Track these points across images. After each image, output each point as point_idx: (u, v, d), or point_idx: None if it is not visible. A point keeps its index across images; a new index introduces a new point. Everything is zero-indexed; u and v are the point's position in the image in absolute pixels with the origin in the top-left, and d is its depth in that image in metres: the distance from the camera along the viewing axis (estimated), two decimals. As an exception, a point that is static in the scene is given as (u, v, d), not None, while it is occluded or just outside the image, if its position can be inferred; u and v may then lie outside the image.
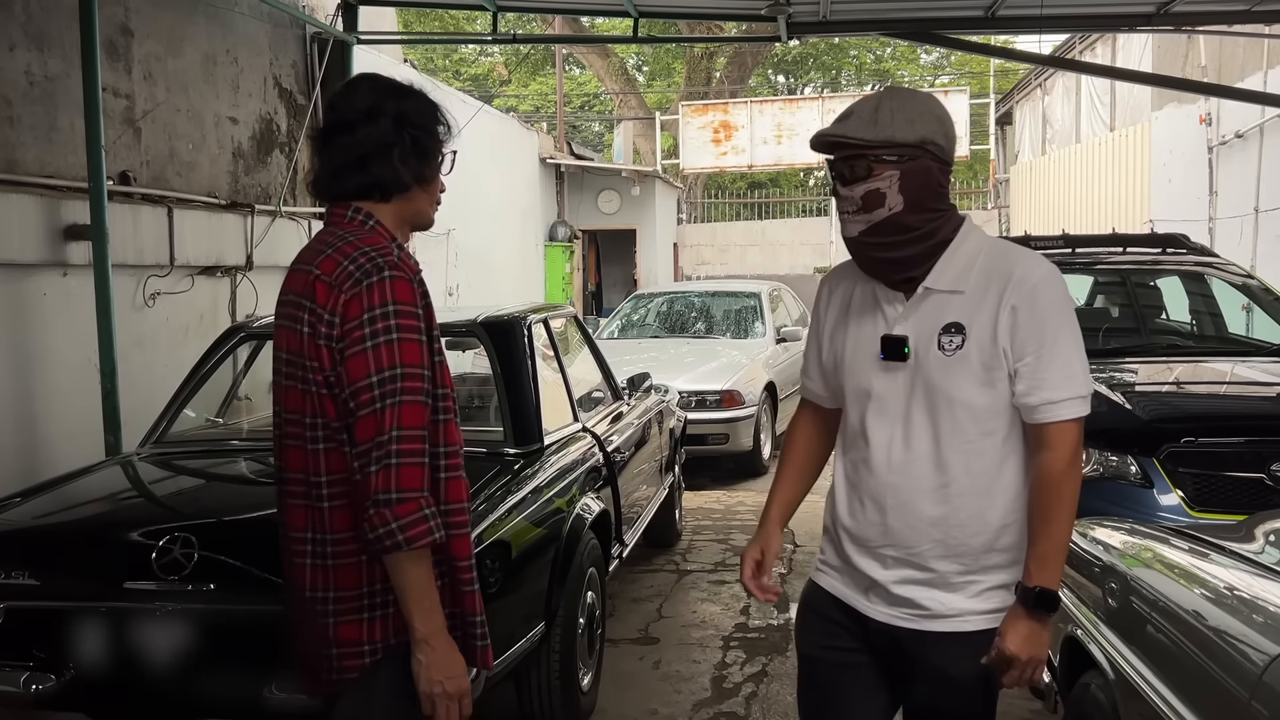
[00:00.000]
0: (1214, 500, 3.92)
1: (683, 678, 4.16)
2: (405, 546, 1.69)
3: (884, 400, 1.92)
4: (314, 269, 1.82)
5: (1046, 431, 1.85)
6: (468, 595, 1.86)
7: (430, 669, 1.76)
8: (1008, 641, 1.84)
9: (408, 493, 1.70)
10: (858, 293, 1.99)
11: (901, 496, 1.91)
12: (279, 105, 7.29)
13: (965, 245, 1.90)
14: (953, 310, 1.87)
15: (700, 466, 7.64)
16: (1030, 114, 21.27)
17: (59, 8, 5.11)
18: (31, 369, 5.00)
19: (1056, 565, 1.85)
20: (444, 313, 4.72)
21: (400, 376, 1.73)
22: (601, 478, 4.14)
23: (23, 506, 3.23)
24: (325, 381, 1.79)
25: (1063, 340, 1.84)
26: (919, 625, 1.92)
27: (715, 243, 21.39)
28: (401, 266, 1.79)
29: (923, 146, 1.84)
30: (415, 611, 1.74)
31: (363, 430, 1.72)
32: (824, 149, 1.92)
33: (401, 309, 1.75)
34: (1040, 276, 1.85)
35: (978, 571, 1.90)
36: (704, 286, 11.28)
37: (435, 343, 1.84)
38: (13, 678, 2.74)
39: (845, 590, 2.02)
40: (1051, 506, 1.84)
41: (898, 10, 7.63)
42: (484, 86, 28.41)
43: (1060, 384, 1.83)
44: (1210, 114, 11.24)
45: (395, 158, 1.84)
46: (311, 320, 1.80)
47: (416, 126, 1.86)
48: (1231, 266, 6.15)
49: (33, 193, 4.96)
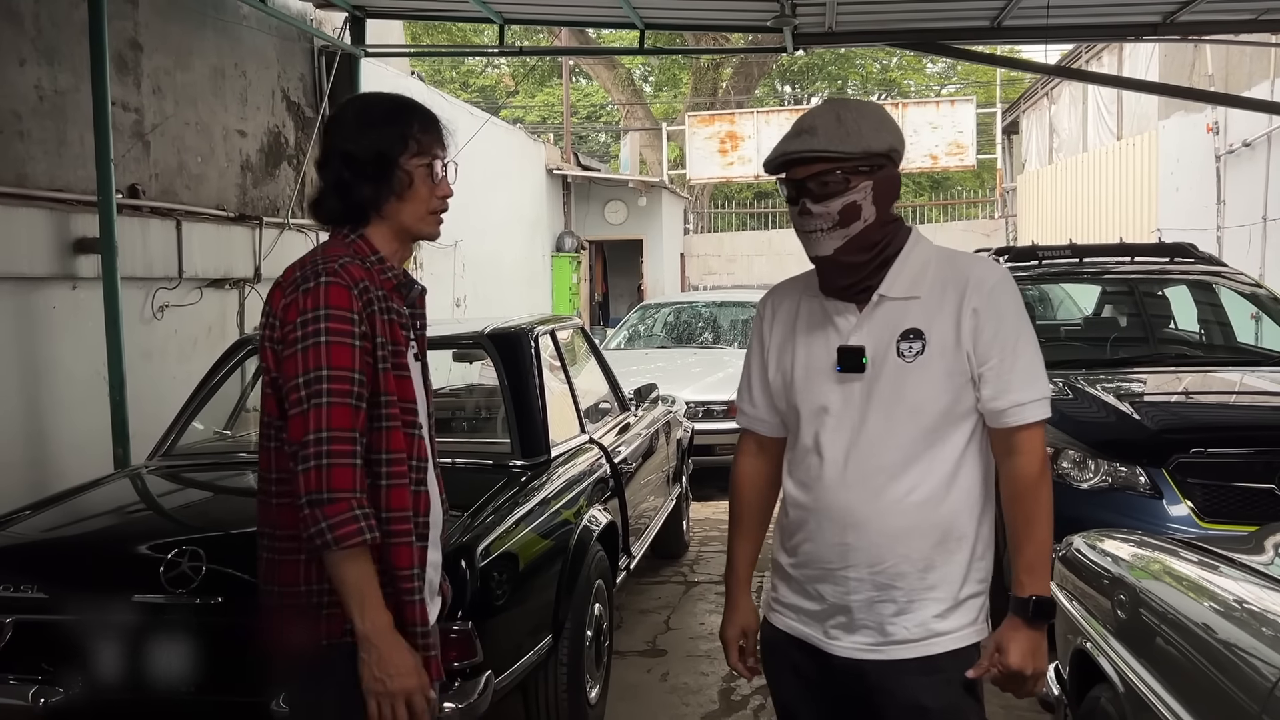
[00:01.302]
0: (1224, 511, 3.90)
1: (690, 690, 4.15)
2: (334, 546, 1.71)
3: (840, 414, 1.87)
4: (281, 277, 1.90)
5: (1015, 436, 1.82)
6: (408, 605, 1.85)
7: (371, 667, 1.76)
8: (1010, 656, 1.81)
9: (337, 493, 1.72)
10: (804, 309, 1.95)
11: (859, 510, 1.85)
12: (287, 118, 7.32)
13: (915, 252, 1.89)
14: (910, 316, 1.84)
15: (708, 477, 7.61)
16: (1037, 123, 21.26)
17: (69, 23, 5.15)
18: (41, 381, 5.02)
19: (1045, 571, 1.83)
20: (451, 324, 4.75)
21: (327, 378, 1.75)
22: (609, 489, 4.13)
23: (31, 520, 3.24)
24: (273, 383, 1.85)
25: (1023, 342, 1.83)
26: (884, 654, 1.85)
27: (722, 252, 21.40)
28: (340, 273, 1.81)
29: (889, 155, 1.84)
30: (353, 609, 1.75)
31: (294, 430, 1.76)
32: (785, 168, 1.86)
33: (333, 313, 1.78)
34: (997, 279, 1.85)
35: (941, 585, 1.85)
36: (711, 296, 11.28)
37: (385, 350, 1.84)
38: (21, 691, 2.75)
39: (802, 628, 1.94)
40: (1031, 512, 1.82)
41: (903, 21, 7.64)
42: (491, 98, 28.52)
43: (1026, 386, 1.81)
44: (1218, 123, 11.23)
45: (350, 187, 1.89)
46: (267, 324, 1.88)
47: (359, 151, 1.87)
48: (1240, 275, 6.13)
49: (42, 206, 4.99)
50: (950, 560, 1.85)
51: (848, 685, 1.90)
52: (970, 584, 1.87)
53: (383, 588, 1.80)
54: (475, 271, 11.56)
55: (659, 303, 10.96)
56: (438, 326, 4.42)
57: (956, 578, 1.85)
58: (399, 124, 1.90)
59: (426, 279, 10.34)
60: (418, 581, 1.87)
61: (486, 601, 2.86)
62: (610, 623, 3.97)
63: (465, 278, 11.28)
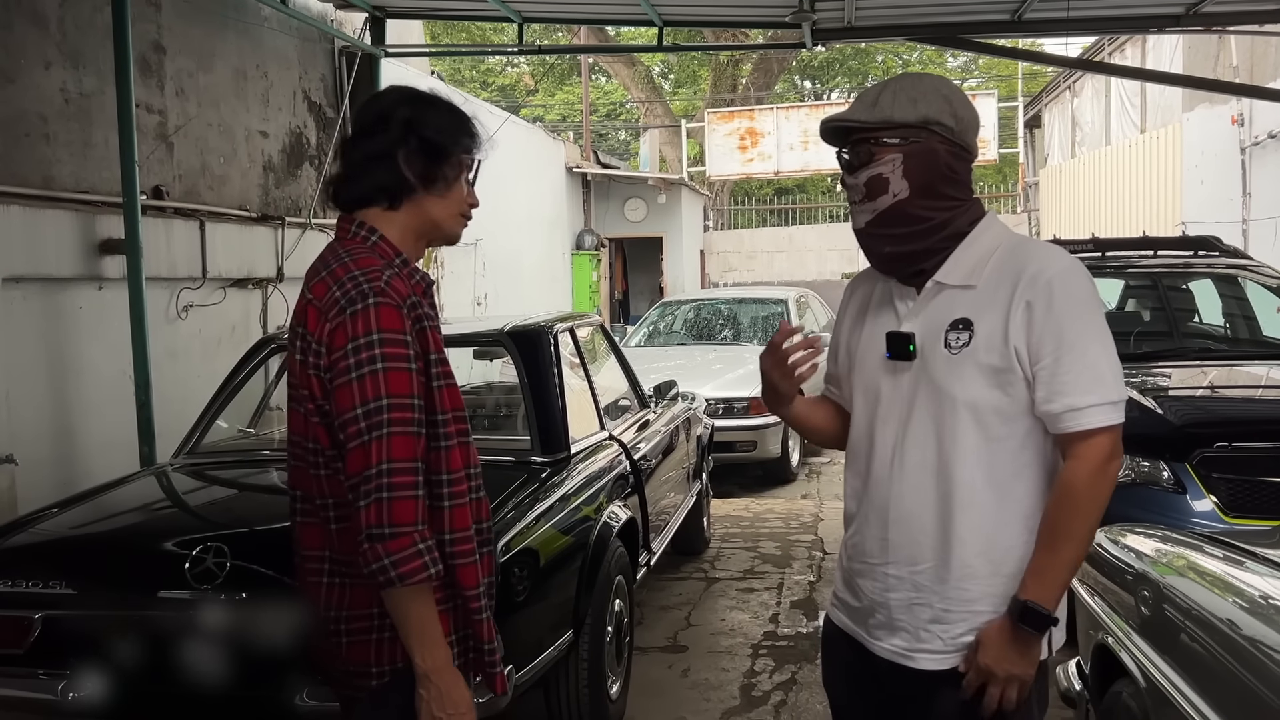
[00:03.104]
0: (1248, 506, 3.86)
1: (711, 686, 4.15)
2: (398, 583, 1.66)
3: (890, 402, 1.80)
4: (308, 292, 1.80)
5: (1072, 441, 1.69)
6: (476, 624, 1.82)
7: (431, 704, 1.72)
8: (982, 651, 1.70)
9: (400, 527, 1.66)
10: (877, 291, 1.89)
11: (903, 506, 1.77)
12: (308, 118, 7.37)
13: (983, 239, 1.78)
14: (961, 306, 1.74)
15: (728, 474, 7.63)
16: (1059, 116, 21.10)
17: (93, 26, 5.21)
18: (67, 381, 5.08)
19: (1055, 583, 1.68)
20: (471, 322, 4.78)
21: (387, 408, 1.68)
22: (629, 486, 4.15)
23: (59, 517, 3.28)
24: (318, 410, 1.76)
25: (1086, 339, 1.67)
26: (917, 663, 1.78)
27: (742, 249, 21.38)
28: (389, 292, 1.72)
29: (926, 126, 1.73)
30: (415, 647, 1.71)
31: (353, 463, 1.69)
32: (830, 137, 1.84)
33: (387, 337, 1.70)
34: (1058, 270, 1.70)
35: (985, 598, 1.73)
36: (731, 294, 11.27)
37: (438, 366, 1.79)
38: (50, 686, 2.78)
39: (851, 624, 1.90)
40: (1062, 520, 1.68)
41: (923, 15, 7.60)
42: (511, 97, 28.59)
43: (1085, 388, 1.66)
44: (1242, 115, 11.12)
45: (400, 159, 1.80)
46: (302, 346, 1.78)
47: (427, 127, 1.82)
48: (1265, 269, 6.06)
49: (68, 208, 5.05)
50: (996, 572, 1.73)
51: (892, 688, 1.83)
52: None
53: (447, 603, 1.77)
54: (496, 270, 11.60)
55: (679, 300, 10.96)
56: (459, 324, 4.46)
57: (1001, 591, 1.72)
58: (463, 121, 1.86)
59: (447, 277, 10.41)
60: (484, 600, 1.82)
61: (507, 597, 2.87)
62: (631, 619, 3.98)
63: (486, 276, 11.32)
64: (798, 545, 6.20)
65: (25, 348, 4.84)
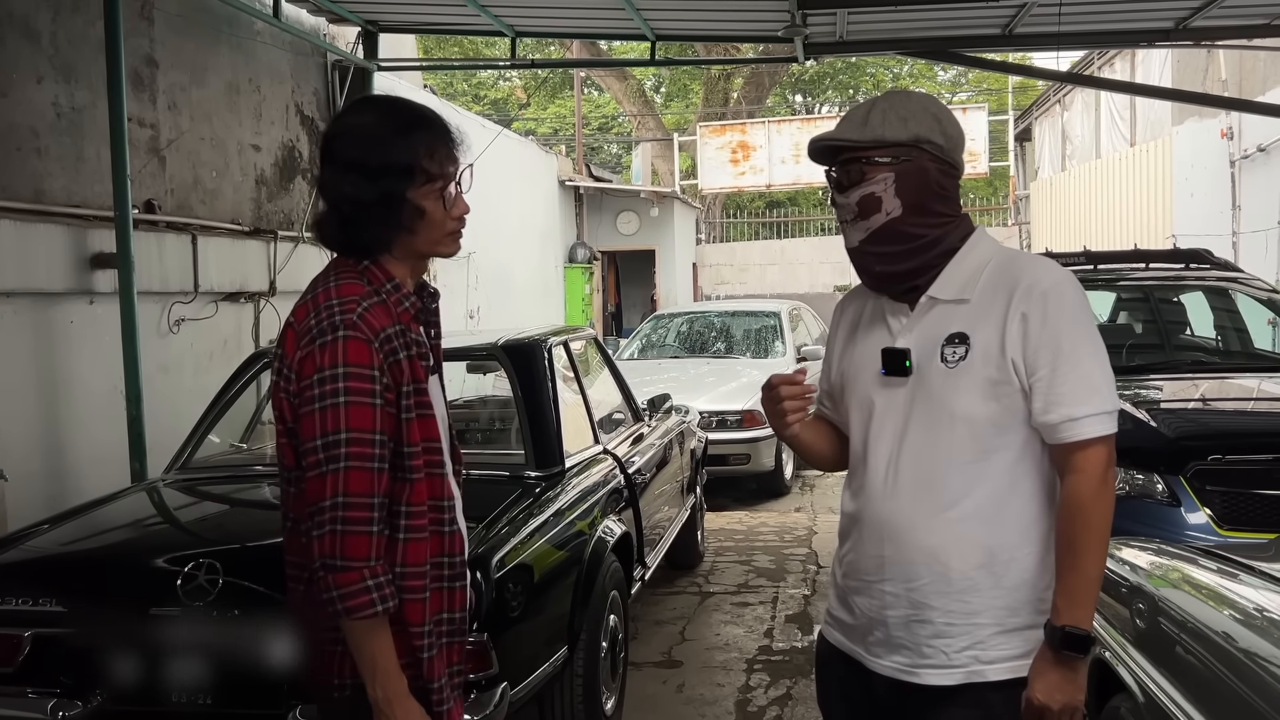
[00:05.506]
0: (1243, 519, 3.87)
1: (706, 701, 4.14)
2: (345, 616, 1.67)
3: (885, 419, 1.80)
4: (291, 315, 1.80)
5: (1070, 453, 1.69)
6: (423, 661, 1.79)
7: None
8: (1034, 689, 1.69)
9: (351, 561, 1.66)
10: (868, 309, 1.90)
11: (898, 522, 1.77)
12: (301, 132, 7.37)
13: (974, 254, 1.79)
14: (957, 320, 1.75)
15: (722, 487, 7.61)
16: (1050, 130, 21.22)
17: (85, 40, 5.20)
18: (58, 396, 5.06)
19: (1086, 601, 1.68)
20: (464, 336, 4.77)
21: (345, 442, 1.68)
22: (623, 500, 4.13)
23: (49, 533, 3.25)
24: (286, 431, 1.78)
25: (1081, 351, 1.69)
26: (920, 678, 1.76)
27: (734, 262, 21.42)
28: (360, 326, 1.71)
29: (917, 145, 1.74)
30: (367, 677, 1.71)
31: (311, 492, 1.70)
32: (818, 156, 1.84)
33: (352, 371, 1.69)
34: (1052, 282, 1.72)
35: (986, 611, 1.73)
36: (723, 306, 11.28)
37: (412, 397, 1.77)
38: (40, 704, 2.75)
39: (848, 642, 1.88)
40: (1079, 535, 1.68)
41: (915, 29, 7.64)
42: (503, 110, 28.63)
43: (1081, 399, 1.67)
44: (1232, 128, 11.19)
45: (358, 230, 1.78)
46: (279, 368, 1.79)
47: (366, 200, 1.75)
48: (1256, 281, 6.10)
49: (60, 222, 5.04)
50: (997, 584, 1.73)
51: (891, 708, 1.81)
52: (1024, 613, 1.74)
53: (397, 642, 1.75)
54: (489, 283, 11.60)
55: (672, 313, 10.97)
56: (452, 338, 4.45)
57: (1004, 603, 1.73)
58: (403, 154, 1.76)
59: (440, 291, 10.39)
60: (429, 639, 1.80)
61: (502, 613, 2.86)
62: (625, 634, 3.96)
63: (479, 289, 11.32)
64: (792, 559, 6.19)
65: (16, 362, 4.82)
